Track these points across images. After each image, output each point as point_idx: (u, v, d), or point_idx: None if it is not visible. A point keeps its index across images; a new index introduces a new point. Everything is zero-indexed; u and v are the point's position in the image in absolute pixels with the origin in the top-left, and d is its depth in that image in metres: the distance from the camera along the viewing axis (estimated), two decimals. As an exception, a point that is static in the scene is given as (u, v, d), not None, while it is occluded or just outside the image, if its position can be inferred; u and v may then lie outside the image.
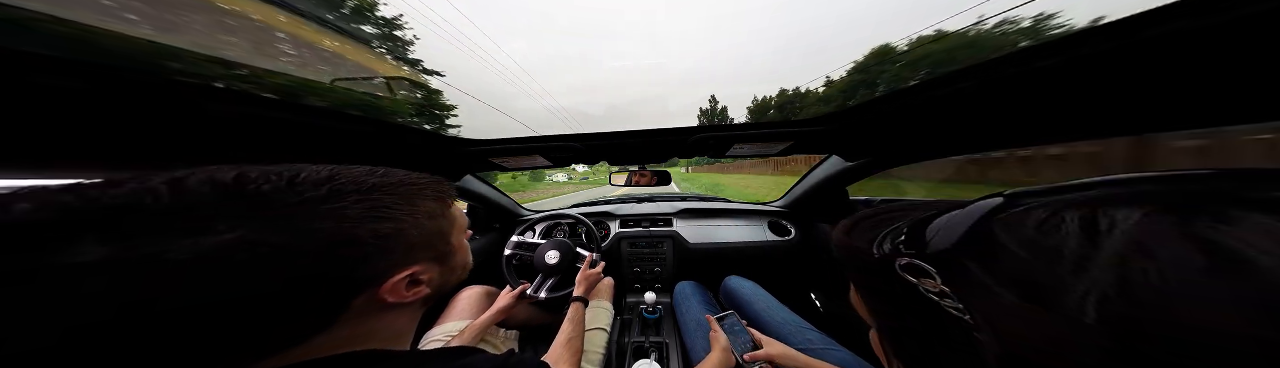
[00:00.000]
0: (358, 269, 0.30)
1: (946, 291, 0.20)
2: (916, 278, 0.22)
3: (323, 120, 0.62)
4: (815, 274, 1.68)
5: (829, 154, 1.32)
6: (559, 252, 1.32)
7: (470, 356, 0.38)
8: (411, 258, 0.34)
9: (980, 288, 0.18)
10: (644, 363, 0.98)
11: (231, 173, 0.27)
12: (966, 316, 0.19)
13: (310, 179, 0.29)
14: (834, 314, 1.49)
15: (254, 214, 0.25)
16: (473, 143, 0.97)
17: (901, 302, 0.24)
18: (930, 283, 0.21)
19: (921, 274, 0.22)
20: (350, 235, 0.28)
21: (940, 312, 0.21)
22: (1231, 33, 0.33)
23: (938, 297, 0.21)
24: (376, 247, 0.30)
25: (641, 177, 1.40)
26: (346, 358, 0.30)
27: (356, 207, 0.29)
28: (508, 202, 1.80)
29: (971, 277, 0.19)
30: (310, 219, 0.27)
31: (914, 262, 0.23)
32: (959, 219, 0.22)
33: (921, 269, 0.22)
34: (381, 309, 0.33)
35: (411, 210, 0.33)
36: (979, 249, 0.20)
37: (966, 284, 0.19)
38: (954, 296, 0.20)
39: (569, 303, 1.01)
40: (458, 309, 1.13)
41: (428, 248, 0.36)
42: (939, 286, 0.21)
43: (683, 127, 0.95)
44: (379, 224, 0.30)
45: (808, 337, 0.92)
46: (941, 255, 0.21)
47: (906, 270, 0.23)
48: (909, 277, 0.23)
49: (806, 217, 1.74)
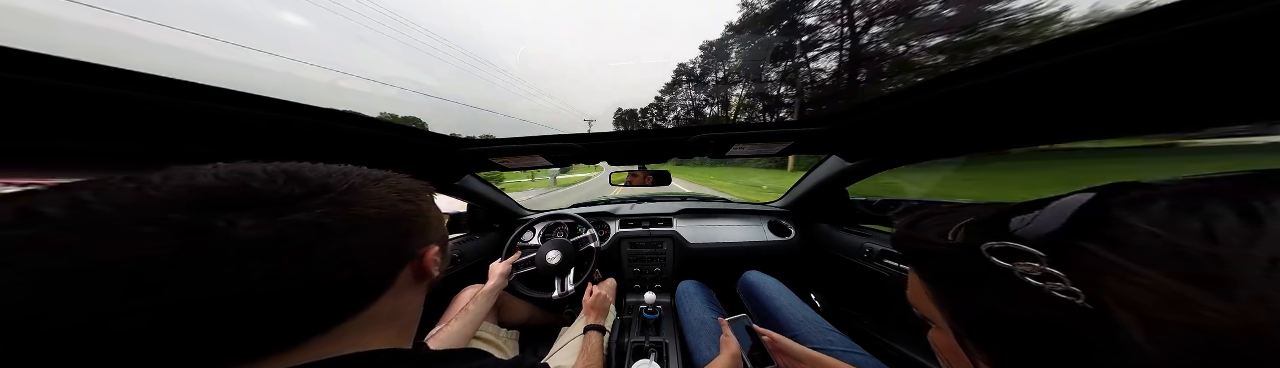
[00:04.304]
0: (404, 242, 0.34)
1: (1056, 273, 0.20)
2: (1011, 262, 0.22)
3: (323, 120, 0.62)
4: (815, 274, 1.68)
5: (829, 154, 1.32)
6: (560, 252, 1.33)
7: (481, 358, 0.38)
8: (432, 237, 0.39)
9: (1111, 267, 0.18)
10: (644, 363, 0.98)
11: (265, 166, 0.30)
12: (1080, 299, 0.19)
13: (337, 171, 0.32)
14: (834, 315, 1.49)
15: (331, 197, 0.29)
16: (473, 143, 0.97)
17: (985, 286, 0.24)
18: (1029, 266, 0.21)
19: (1018, 257, 0.22)
20: (395, 213, 0.33)
21: (1041, 295, 0.20)
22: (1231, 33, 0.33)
23: (1038, 280, 0.20)
24: (415, 223, 0.35)
25: (644, 177, 1.40)
26: (361, 358, 0.30)
27: (389, 191, 0.34)
28: (508, 202, 1.80)
29: (1095, 257, 0.19)
30: (365, 200, 0.31)
31: (1010, 245, 0.22)
32: (1057, 207, 0.22)
33: (1018, 252, 0.22)
34: (414, 283, 0.37)
35: (419, 197, 0.38)
36: (1097, 231, 0.20)
37: (1089, 265, 0.19)
38: (1066, 278, 0.19)
39: (568, 303, 1.01)
40: (457, 309, 1.13)
41: (439, 229, 0.41)
42: (1042, 268, 0.20)
43: (683, 127, 0.96)
44: (408, 205, 0.35)
45: (828, 338, 0.91)
46: (1049, 238, 0.21)
47: (998, 254, 0.23)
48: (1000, 261, 0.22)
49: (806, 217, 1.74)
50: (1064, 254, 0.20)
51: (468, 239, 1.60)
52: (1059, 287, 0.19)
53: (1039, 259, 0.21)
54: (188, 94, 0.45)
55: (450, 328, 0.96)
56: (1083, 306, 0.19)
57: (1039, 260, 0.21)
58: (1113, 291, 0.18)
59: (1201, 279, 0.16)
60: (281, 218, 0.25)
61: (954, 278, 0.27)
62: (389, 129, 0.75)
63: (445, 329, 0.96)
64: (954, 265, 0.27)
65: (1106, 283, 0.18)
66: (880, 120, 0.80)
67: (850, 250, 1.34)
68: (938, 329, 0.31)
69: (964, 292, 0.26)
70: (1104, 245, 0.19)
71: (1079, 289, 0.19)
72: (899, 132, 0.87)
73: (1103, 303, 0.18)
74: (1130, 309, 0.17)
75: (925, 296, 0.30)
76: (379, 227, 0.31)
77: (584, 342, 0.94)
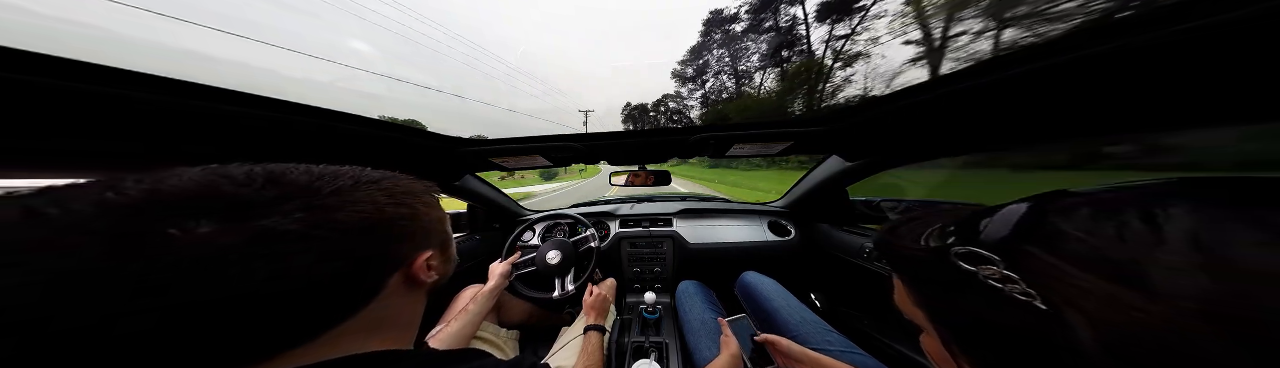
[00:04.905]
0: (393, 248, 0.33)
1: (1011, 276, 0.21)
2: (974, 265, 0.23)
3: (323, 121, 0.62)
4: (815, 274, 1.68)
5: (829, 154, 1.32)
6: (560, 252, 1.33)
7: (481, 359, 0.38)
8: (427, 242, 0.37)
9: (1052, 270, 0.20)
10: (644, 363, 0.98)
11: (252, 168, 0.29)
12: (1036, 300, 0.20)
13: (327, 173, 0.31)
14: (834, 315, 1.49)
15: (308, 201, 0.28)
16: (473, 143, 0.97)
17: (959, 290, 0.25)
18: (990, 270, 0.22)
19: (979, 261, 0.23)
20: (383, 217, 0.32)
21: (1004, 297, 0.21)
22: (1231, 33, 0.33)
23: (999, 282, 0.22)
24: (404, 228, 0.34)
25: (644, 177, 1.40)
26: (360, 360, 0.30)
27: (379, 194, 0.32)
28: (507, 202, 1.80)
29: (1039, 261, 0.20)
30: (350, 204, 0.30)
31: (971, 250, 0.24)
32: (1006, 213, 0.24)
33: (979, 257, 0.23)
34: (408, 289, 0.36)
35: (417, 200, 0.37)
36: (1038, 235, 0.21)
37: (1035, 268, 0.20)
38: (1021, 280, 0.21)
39: (567, 303, 1.01)
40: (457, 309, 1.13)
41: (437, 233, 0.39)
42: (1000, 271, 0.22)
43: (683, 127, 0.95)
44: (399, 209, 0.33)
45: (827, 339, 0.91)
46: (1001, 243, 0.23)
47: (963, 259, 0.24)
48: (965, 265, 0.24)
49: (806, 217, 1.74)
50: (1015, 258, 0.22)
51: (468, 239, 1.60)
52: (1017, 289, 0.21)
53: (996, 263, 0.22)
54: (188, 94, 0.45)
55: (450, 328, 0.96)
56: (1038, 307, 0.20)
57: (996, 264, 0.22)
58: (1060, 292, 0.19)
59: (1126, 280, 0.17)
60: (248, 223, 0.25)
61: (931, 283, 0.28)
62: (389, 129, 0.75)
63: (445, 330, 0.96)
64: (929, 270, 0.28)
65: (1053, 285, 0.20)
66: (880, 120, 0.80)
67: (850, 250, 1.34)
68: (926, 334, 0.32)
69: (941, 296, 0.27)
70: (1044, 249, 0.21)
71: (1033, 291, 0.20)
72: (899, 132, 0.87)
73: (1055, 304, 0.19)
74: (1078, 310, 0.18)
75: (908, 300, 0.31)
76: (362, 232, 0.30)
77: (584, 342, 0.94)
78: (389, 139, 0.79)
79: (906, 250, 0.30)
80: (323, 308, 0.28)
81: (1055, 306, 0.19)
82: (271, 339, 0.26)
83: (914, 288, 0.30)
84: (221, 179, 0.26)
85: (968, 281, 0.24)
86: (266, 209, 0.26)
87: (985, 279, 0.22)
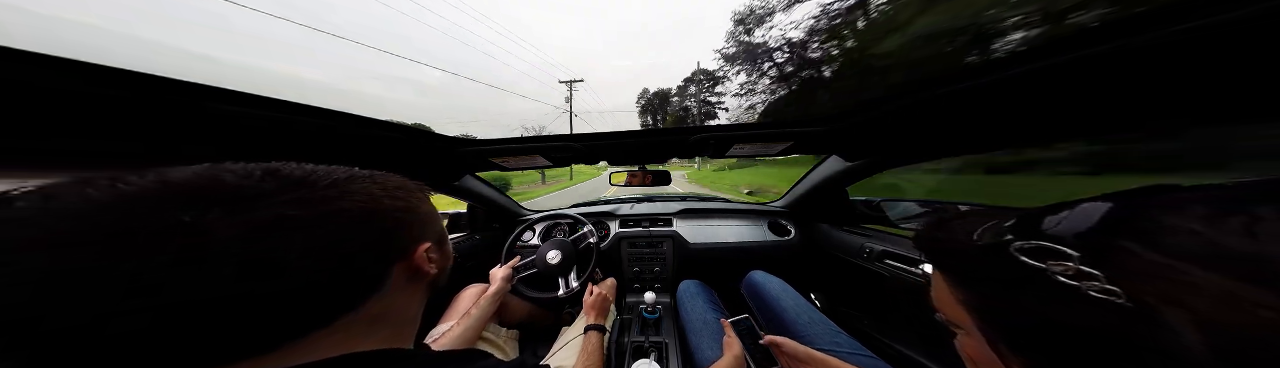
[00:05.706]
0: (393, 237, 0.34)
1: (1090, 272, 0.20)
2: (1042, 261, 0.22)
3: (324, 121, 0.62)
4: (815, 274, 1.68)
5: (829, 154, 1.32)
6: (560, 251, 1.33)
7: (483, 359, 0.38)
8: (424, 233, 0.38)
9: (1152, 266, 0.18)
10: (644, 363, 0.98)
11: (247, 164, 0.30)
12: (1119, 298, 0.19)
13: (320, 169, 0.32)
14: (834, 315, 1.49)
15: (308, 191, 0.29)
16: (473, 143, 0.97)
17: (1020, 288, 0.23)
18: (1062, 266, 0.21)
19: (1049, 257, 0.21)
20: (380, 207, 0.32)
21: (1078, 295, 0.20)
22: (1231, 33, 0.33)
23: (1073, 279, 0.20)
24: (401, 218, 0.35)
25: (642, 177, 1.40)
26: (359, 359, 0.30)
27: (374, 187, 0.33)
28: (507, 202, 1.80)
29: (1135, 257, 0.19)
30: (348, 194, 0.31)
31: (1040, 244, 0.22)
32: (1087, 208, 0.22)
33: (1050, 251, 0.22)
34: (409, 282, 0.37)
35: (410, 194, 0.38)
36: (1133, 230, 0.20)
37: (1128, 264, 0.19)
38: (1103, 277, 0.19)
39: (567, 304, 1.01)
40: (458, 308, 1.13)
41: (433, 225, 0.40)
42: (1075, 267, 0.20)
43: (683, 127, 0.96)
44: (395, 201, 0.34)
45: (836, 340, 0.90)
46: (1082, 238, 0.21)
47: (1027, 254, 0.22)
48: (1031, 261, 0.22)
49: (806, 217, 1.74)
50: (1100, 253, 0.20)
51: (467, 239, 1.60)
52: (1095, 286, 0.19)
53: (1072, 258, 0.21)
54: (188, 94, 0.45)
55: (454, 332, 0.96)
56: (1123, 304, 0.18)
57: (1072, 259, 0.20)
58: (1157, 290, 0.18)
59: (1252, 277, 0.16)
60: (253, 213, 0.25)
61: (986, 280, 0.26)
62: (389, 129, 0.75)
63: (449, 334, 0.95)
64: (982, 266, 0.26)
65: (1150, 282, 0.18)
66: (880, 120, 0.80)
67: (850, 250, 1.34)
68: (965, 335, 0.30)
69: (998, 294, 0.25)
70: (1143, 245, 0.19)
71: (1117, 288, 0.19)
72: (899, 131, 0.87)
73: (1145, 302, 0.18)
74: (1183, 309, 0.17)
75: (951, 299, 0.29)
76: (361, 222, 0.30)
77: (584, 342, 0.94)
78: (389, 139, 0.79)
79: (958, 246, 0.28)
80: (325, 299, 0.28)
81: (1148, 304, 0.18)
82: (272, 333, 0.26)
83: (963, 286, 0.28)
84: (224, 172, 0.27)
85: (1032, 277, 0.22)
86: (269, 199, 0.26)
87: (1055, 276, 0.21)
